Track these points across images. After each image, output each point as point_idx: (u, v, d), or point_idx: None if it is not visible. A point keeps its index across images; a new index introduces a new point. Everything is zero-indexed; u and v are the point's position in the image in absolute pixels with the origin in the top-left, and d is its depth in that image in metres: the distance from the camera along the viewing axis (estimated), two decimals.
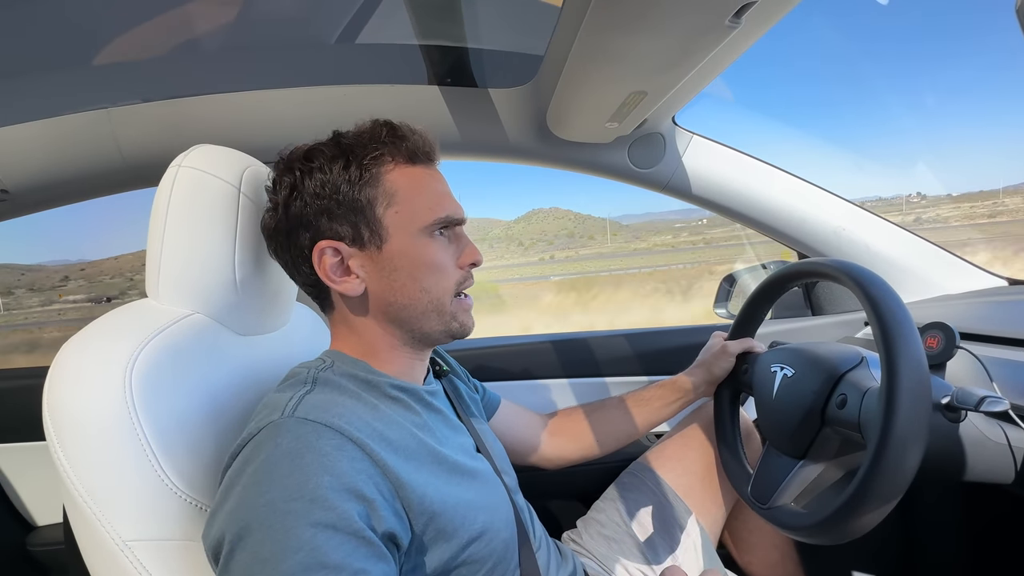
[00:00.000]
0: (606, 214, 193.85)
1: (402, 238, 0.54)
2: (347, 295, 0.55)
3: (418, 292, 0.55)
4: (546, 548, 0.67)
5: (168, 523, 0.44)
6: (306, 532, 0.39)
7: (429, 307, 0.56)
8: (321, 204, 0.53)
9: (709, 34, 0.50)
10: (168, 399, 0.48)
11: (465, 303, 0.59)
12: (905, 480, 0.49)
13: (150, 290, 0.57)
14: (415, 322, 0.56)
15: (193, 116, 0.86)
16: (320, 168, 0.53)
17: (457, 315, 0.58)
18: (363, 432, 0.46)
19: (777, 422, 0.67)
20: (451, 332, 0.58)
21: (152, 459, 0.44)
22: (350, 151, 0.54)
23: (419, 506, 0.47)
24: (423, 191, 0.56)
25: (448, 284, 0.57)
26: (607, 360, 1.07)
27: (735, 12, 0.47)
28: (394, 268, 0.55)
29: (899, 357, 0.50)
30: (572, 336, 1.12)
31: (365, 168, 0.54)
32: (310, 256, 0.54)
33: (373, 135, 0.55)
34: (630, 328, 1.14)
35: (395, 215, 0.54)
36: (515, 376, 1.07)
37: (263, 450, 0.43)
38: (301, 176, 0.54)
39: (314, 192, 0.53)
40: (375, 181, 0.54)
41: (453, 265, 0.57)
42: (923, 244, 1.05)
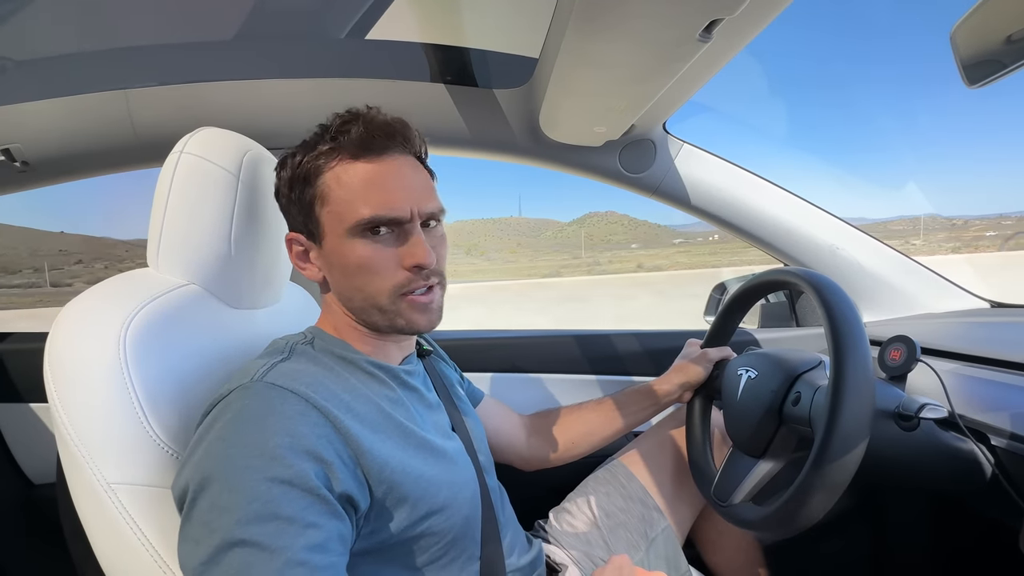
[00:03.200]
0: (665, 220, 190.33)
1: (331, 239, 0.55)
2: (313, 280, 0.59)
3: (354, 291, 0.56)
4: (512, 531, 0.70)
5: (149, 470, 0.48)
6: (262, 485, 0.41)
7: (367, 304, 0.56)
8: (286, 198, 0.58)
9: (681, 47, 0.53)
10: (158, 359, 0.52)
11: (416, 301, 0.56)
12: (848, 472, 0.51)
13: (151, 260, 0.61)
14: (362, 314, 0.57)
15: (205, 101, 0.91)
16: (287, 165, 0.57)
17: (402, 313, 0.56)
18: (329, 401, 0.49)
19: (740, 422, 0.70)
20: (397, 328, 0.57)
21: (139, 411, 0.48)
22: (308, 148, 0.56)
23: (379, 474, 0.49)
24: (354, 190, 0.53)
25: (383, 285, 0.54)
26: (590, 358, 1.10)
27: (704, 27, 0.49)
28: (331, 265, 0.57)
29: (846, 356, 0.52)
30: (558, 333, 1.15)
31: (309, 166, 0.55)
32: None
33: (326, 127, 0.57)
34: (615, 329, 1.17)
35: (328, 215, 0.55)
36: (500, 369, 1.10)
37: (230, 409, 0.46)
38: (280, 169, 0.59)
39: (282, 188, 0.58)
40: (313, 179, 0.55)
41: (394, 266, 0.54)
42: (911, 264, 1.07)
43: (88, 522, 0.48)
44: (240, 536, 0.40)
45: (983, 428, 0.61)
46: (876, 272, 1.05)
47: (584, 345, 1.11)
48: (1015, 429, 0.57)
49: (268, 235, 0.66)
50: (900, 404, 0.57)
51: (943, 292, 1.05)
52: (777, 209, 1.04)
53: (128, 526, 0.46)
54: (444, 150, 1.01)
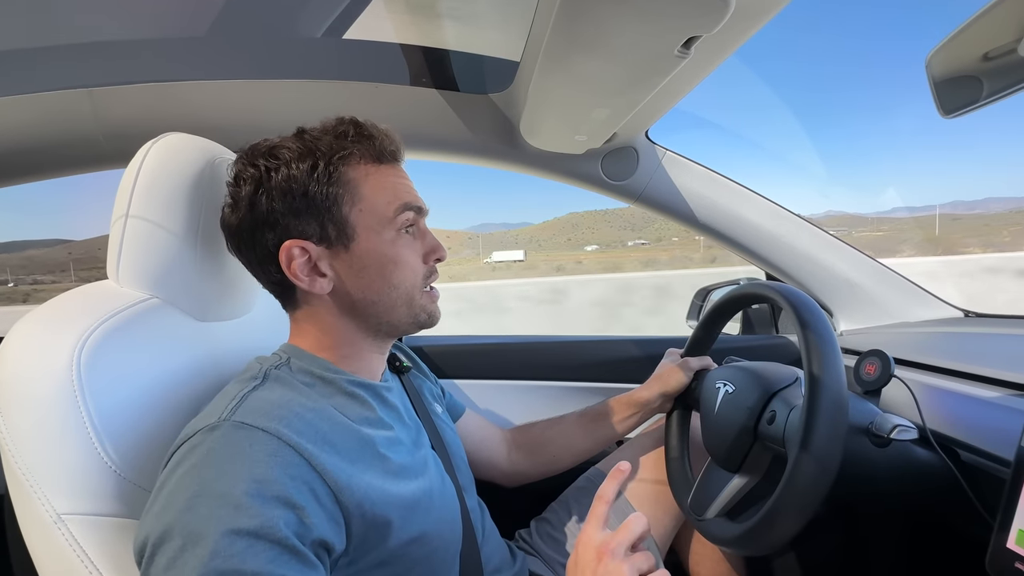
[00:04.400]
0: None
1: (369, 236, 0.55)
2: (315, 294, 0.55)
3: (387, 288, 0.56)
4: (493, 547, 0.69)
5: (104, 499, 0.46)
6: (225, 539, 0.39)
7: (399, 301, 0.57)
8: (288, 202, 0.52)
9: (660, 62, 0.52)
10: (116, 380, 0.50)
11: (432, 295, 0.61)
12: (818, 496, 0.51)
13: (110, 272, 0.58)
14: (384, 315, 0.57)
15: (173, 101, 0.88)
16: (287, 164, 0.53)
17: (426, 306, 0.59)
18: (304, 435, 0.46)
19: (716, 437, 0.70)
20: (419, 322, 0.60)
21: (93, 438, 0.46)
22: (316, 149, 0.54)
23: (358, 508, 0.47)
24: (387, 189, 0.57)
25: (416, 279, 0.58)
26: (574, 365, 1.10)
27: (683, 43, 0.49)
28: (363, 266, 0.55)
29: (820, 382, 0.52)
30: (541, 339, 1.14)
31: (333, 167, 0.53)
32: (276, 255, 0.53)
33: (339, 133, 0.55)
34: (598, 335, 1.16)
35: (361, 213, 0.55)
36: (483, 375, 1.09)
37: (194, 454, 0.43)
38: (267, 171, 0.53)
39: (281, 188, 0.52)
40: (342, 180, 0.54)
41: (419, 261, 0.59)
42: (888, 273, 1.08)
43: (36, 554, 0.46)
44: None
45: (953, 443, 0.61)
46: (853, 280, 1.06)
47: (567, 351, 1.10)
48: (983, 445, 0.58)
49: None
50: (873, 423, 0.58)
51: (919, 301, 1.06)
52: (758, 217, 1.04)
53: (79, 558, 0.44)
54: (422, 154, 0.99)
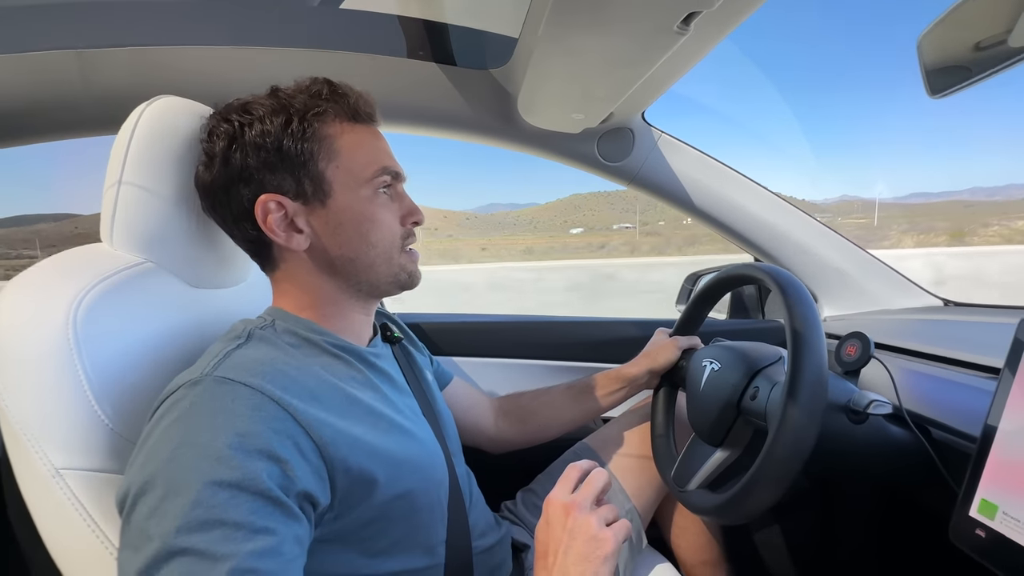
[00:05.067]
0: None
1: (345, 193, 0.55)
2: (292, 250, 0.55)
3: (365, 246, 0.56)
4: (479, 513, 0.70)
5: (100, 455, 0.47)
6: (207, 489, 0.39)
7: (377, 259, 0.57)
8: (262, 156, 0.52)
9: (659, 38, 0.52)
10: (111, 340, 0.50)
11: (412, 255, 0.61)
12: (794, 468, 0.54)
13: (104, 235, 0.58)
14: (363, 273, 0.57)
15: (165, 66, 0.86)
16: (260, 119, 0.53)
17: (406, 266, 0.60)
18: (288, 390, 0.46)
19: (701, 412, 0.72)
20: (399, 282, 0.60)
21: (89, 394, 0.46)
22: (290, 105, 0.54)
23: (344, 462, 0.47)
24: (363, 147, 0.57)
25: (393, 239, 0.58)
26: (562, 344, 1.11)
27: (683, 19, 0.49)
28: (339, 223, 0.55)
29: (802, 359, 0.54)
30: (530, 319, 1.16)
31: (307, 123, 0.53)
32: (251, 211, 0.53)
33: (313, 92, 0.55)
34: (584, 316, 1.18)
35: (337, 170, 0.55)
36: (471, 353, 1.10)
37: (177, 408, 0.43)
38: (240, 127, 0.52)
39: (255, 143, 0.52)
40: (317, 136, 0.54)
41: (396, 222, 0.59)
42: (873, 261, 1.11)
43: (35, 508, 0.47)
44: (181, 544, 0.38)
45: (926, 422, 0.64)
46: (839, 267, 1.08)
47: (556, 331, 1.12)
48: (954, 424, 0.60)
49: None
50: (851, 399, 0.60)
51: (901, 289, 1.09)
52: (750, 203, 1.05)
53: (77, 512, 0.45)
54: (418, 129, 0.98)
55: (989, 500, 0.47)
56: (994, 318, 0.84)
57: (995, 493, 0.47)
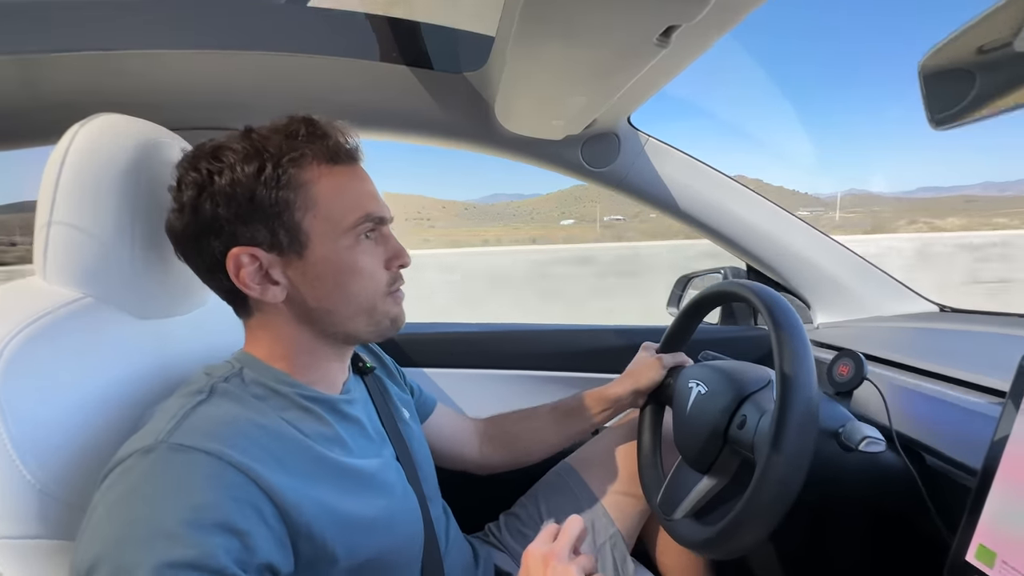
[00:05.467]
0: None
1: (324, 244, 0.51)
2: (268, 302, 0.52)
3: (345, 297, 0.53)
4: (456, 555, 0.68)
5: (30, 521, 0.43)
6: (158, 572, 0.36)
7: (358, 311, 0.54)
8: (233, 207, 0.49)
9: (637, 51, 0.48)
10: (42, 390, 0.46)
11: (396, 297, 0.58)
12: (784, 504, 0.51)
13: (37, 268, 0.53)
14: (341, 325, 0.55)
15: (116, 72, 0.80)
16: (231, 167, 0.49)
17: (389, 311, 0.57)
18: (249, 454, 0.44)
19: (687, 437, 0.69)
20: (381, 331, 0.57)
21: (14, 454, 0.42)
22: (264, 150, 0.50)
23: (306, 528, 0.45)
24: (344, 193, 0.53)
25: (377, 287, 0.55)
26: (548, 354, 1.08)
27: (662, 32, 0.45)
28: (317, 275, 0.52)
29: (792, 391, 0.51)
30: (516, 328, 1.12)
31: (283, 169, 0.50)
32: (223, 263, 0.50)
33: (290, 133, 0.51)
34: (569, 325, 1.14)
35: (315, 219, 0.51)
36: (456, 364, 1.07)
37: (127, 480, 0.41)
38: (210, 175, 0.49)
39: (225, 193, 0.49)
40: (293, 184, 0.50)
41: (381, 267, 0.55)
42: (865, 265, 1.08)
43: None
44: None
45: (919, 447, 0.62)
46: (830, 272, 1.05)
47: (541, 340, 1.09)
48: (948, 451, 0.58)
49: None
50: (843, 430, 0.57)
51: (895, 295, 1.07)
52: (739, 207, 1.02)
53: None
54: (391, 135, 0.94)
55: (987, 547, 0.45)
56: (991, 327, 0.81)
57: (994, 540, 0.45)
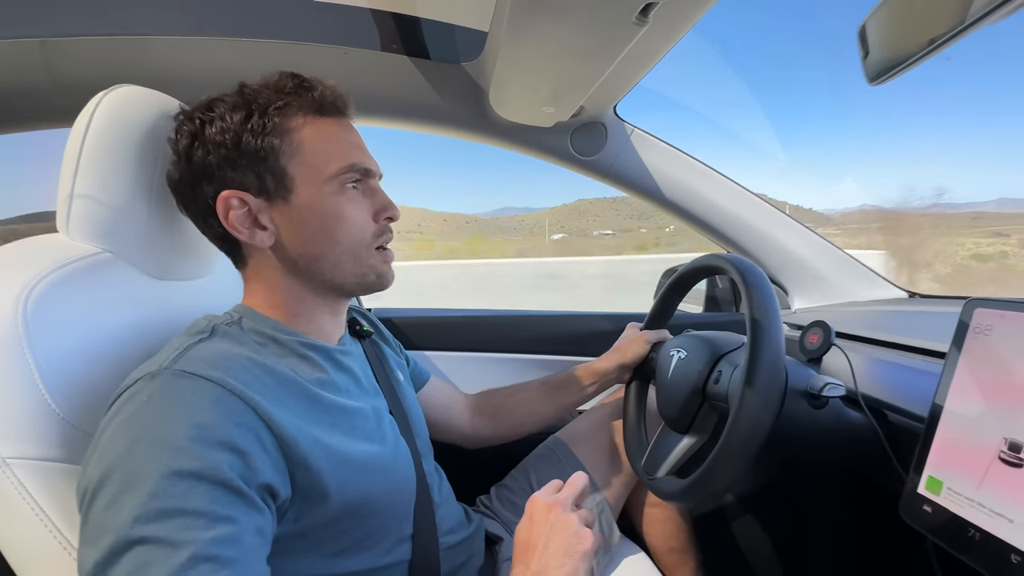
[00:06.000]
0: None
1: (309, 190, 0.54)
2: (257, 247, 0.55)
3: (329, 243, 0.55)
4: (448, 510, 0.70)
5: (51, 445, 0.46)
6: (165, 480, 0.38)
7: (343, 258, 0.56)
8: (223, 153, 0.52)
9: (619, 29, 0.53)
10: (63, 330, 0.49)
11: (385, 255, 0.59)
12: (754, 446, 0.55)
13: (60, 225, 0.57)
14: (328, 272, 0.56)
15: (130, 56, 0.85)
16: (221, 116, 0.52)
17: (375, 266, 0.58)
18: (250, 386, 0.46)
19: (669, 400, 0.73)
20: (367, 283, 0.58)
21: (40, 383, 0.45)
22: (253, 100, 0.53)
23: (303, 460, 0.47)
24: (329, 141, 0.55)
25: (362, 236, 0.56)
26: (537, 338, 1.12)
27: (640, 10, 0.50)
28: (303, 220, 0.54)
29: (759, 338, 0.55)
30: (505, 313, 1.16)
31: (269, 117, 0.53)
32: (215, 207, 0.53)
33: (278, 86, 0.55)
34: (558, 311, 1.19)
35: (300, 166, 0.53)
36: (448, 347, 1.10)
37: (134, 402, 0.43)
38: (201, 124, 0.53)
39: (215, 140, 0.52)
40: (279, 131, 0.53)
41: (367, 218, 0.57)
42: (841, 254, 1.13)
43: None
44: (138, 534, 0.37)
45: (882, 406, 0.66)
46: (808, 261, 1.10)
47: (529, 325, 1.13)
48: (908, 407, 0.62)
49: None
50: (808, 384, 0.61)
51: (868, 282, 1.12)
52: (721, 196, 1.07)
53: (25, 501, 0.44)
54: (391, 122, 0.98)
55: (935, 477, 0.49)
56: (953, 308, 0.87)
57: (941, 470, 0.49)
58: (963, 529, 0.45)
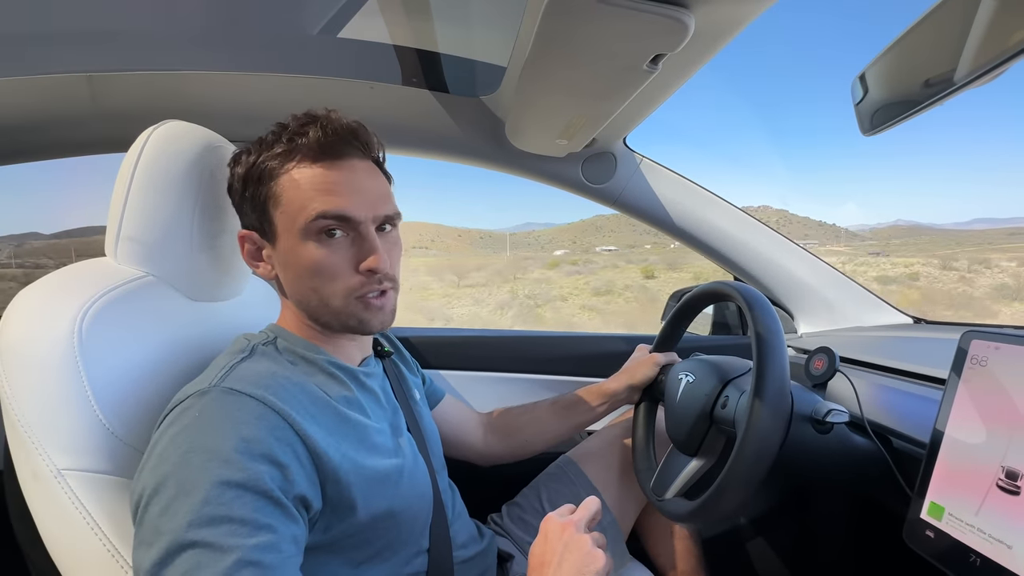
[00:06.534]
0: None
1: (286, 239, 0.56)
2: (265, 279, 0.61)
3: (308, 291, 0.57)
4: (462, 525, 0.73)
5: (102, 458, 0.49)
6: (215, 489, 0.42)
7: (320, 306, 0.57)
8: (239, 195, 0.59)
9: (631, 74, 0.58)
10: (113, 349, 0.53)
11: (370, 303, 0.57)
12: (761, 469, 0.57)
13: (108, 250, 0.61)
14: (315, 313, 0.59)
15: (171, 90, 0.90)
16: (243, 162, 0.58)
17: (355, 313, 0.57)
18: (288, 403, 0.49)
19: (677, 423, 0.75)
20: (349, 328, 0.59)
21: (92, 399, 0.49)
22: (261, 145, 0.58)
23: (333, 475, 0.50)
24: (308, 190, 0.54)
25: (338, 287, 0.56)
26: (548, 359, 1.14)
27: (651, 59, 0.54)
28: (286, 265, 0.57)
29: (766, 366, 0.58)
30: (517, 334, 1.19)
31: (264, 166, 0.56)
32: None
33: (284, 129, 0.57)
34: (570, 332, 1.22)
35: (280, 216, 0.56)
36: (461, 367, 1.13)
37: (186, 416, 0.47)
38: (234, 166, 0.59)
39: (235, 185, 0.59)
40: (268, 179, 0.56)
41: (348, 268, 0.56)
42: (845, 280, 1.16)
43: (36, 507, 0.49)
44: (192, 538, 0.41)
45: (887, 432, 0.68)
46: (813, 287, 1.13)
47: (542, 346, 1.15)
48: (911, 433, 0.64)
49: (229, 230, 0.67)
50: (813, 409, 0.63)
51: (872, 307, 1.14)
52: (727, 223, 1.10)
53: (78, 511, 0.47)
54: (411, 152, 1.03)
55: (937, 502, 0.51)
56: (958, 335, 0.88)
57: (942, 496, 0.51)
58: (964, 555, 0.47)
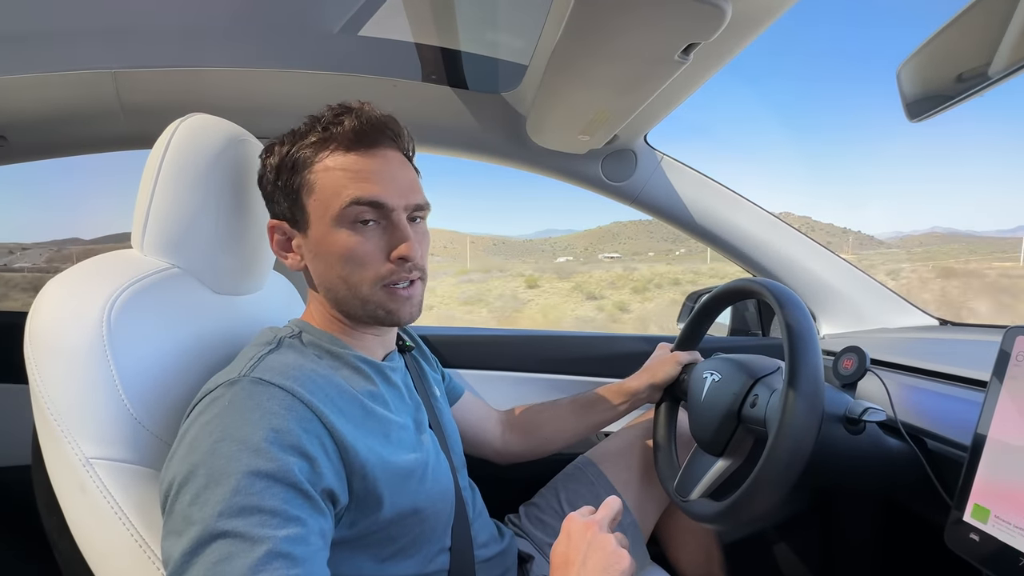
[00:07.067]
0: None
1: (319, 227, 0.56)
2: (294, 269, 0.60)
3: (338, 280, 0.57)
4: (482, 524, 0.72)
5: (128, 447, 0.49)
6: (246, 478, 0.42)
7: (349, 294, 0.57)
8: (272, 185, 0.59)
9: (662, 66, 0.57)
10: (140, 339, 0.53)
11: (398, 292, 0.57)
12: (795, 470, 0.55)
13: (135, 242, 0.62)
14: (343, 304, 0.58)
15: (195, 86, 0.91)
16: (276, 152, 0.58)
17: (384, 304, 0.57)
18: (316, 396, 0.49)
19: (703, 422, 0.74)
20: (377, 319, 0.58)
21: (120, 389, 0.49)
22: (294, 136, 0.58)
23: (360, 469, 0.50)
24: (342, 177, 0.55)
25: (367, 275, 0.56)
26: (568, 359, 1.13)
27: (683, 49, 0.53)
28: (316, 254, 0.57)
29: (799, 363, 0.56)
30: (537, 333, 1.18)
31: (298, 155, 0.57)
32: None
33: (318, 120, 0.58)
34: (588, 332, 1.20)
35: (314, 203, 0.56)
36: (481, 365, 1.12)
37: (216, 405, 0.46)
38: (266, 156, 0.60)
39: (267, 175, 0.59)
40: (301, 168, 0.56)
41: (380, 256, 0.56)
42: (870, 281, 1.13)
43: (64, 496, 0.49)
44: (222, 527, 0.40)
45: (921, 433, 0.66)
46: (838, 287, 1.11)
47: (561, 345, 1.14)
48: (947, 434, 0.62)
49: (253, 223, 0.67)
50: (847, 408, 0.62)
51: (898, 309, 1.12)
52: (749, 223, 1.09)
53: (105, 500, 0.47)
54: (431, 149, 1.03)
55: (982, 505, 0.49)
56: (988, 336, 0.86)
57: (987, 498, 0.49)
58: (1013, 558, 0.45)
